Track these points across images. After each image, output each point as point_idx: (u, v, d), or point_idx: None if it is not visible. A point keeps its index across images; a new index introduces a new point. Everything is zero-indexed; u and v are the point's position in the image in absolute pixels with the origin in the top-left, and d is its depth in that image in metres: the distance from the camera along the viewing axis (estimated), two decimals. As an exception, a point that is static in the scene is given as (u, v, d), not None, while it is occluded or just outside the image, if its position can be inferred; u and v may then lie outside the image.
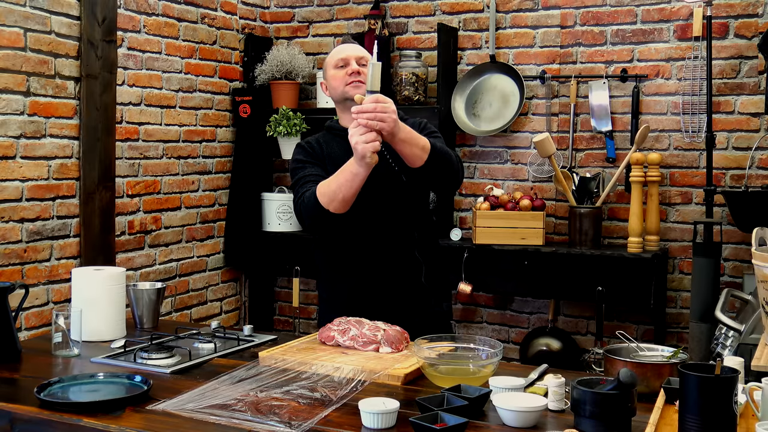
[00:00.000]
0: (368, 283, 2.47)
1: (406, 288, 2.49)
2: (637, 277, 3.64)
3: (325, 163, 2.46)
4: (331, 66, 2.48)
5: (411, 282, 2.49)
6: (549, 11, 4.09)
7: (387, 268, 2.46)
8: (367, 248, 2.46)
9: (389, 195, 2.43)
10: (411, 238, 2.48)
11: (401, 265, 2.48)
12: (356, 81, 2.42)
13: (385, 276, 2.46)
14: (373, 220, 2.43)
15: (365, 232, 2.44)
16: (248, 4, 4.55)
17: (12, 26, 3.17)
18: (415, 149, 2.24)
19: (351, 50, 2.48)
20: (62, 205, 3.43)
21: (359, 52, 2.49)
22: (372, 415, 1.65)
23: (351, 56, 2.46)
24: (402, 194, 2.44)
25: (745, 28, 3.74)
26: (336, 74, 2.46)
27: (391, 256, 2.46)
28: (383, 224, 2.45)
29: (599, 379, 1.71)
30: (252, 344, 2.35)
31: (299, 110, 4.34)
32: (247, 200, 4.43)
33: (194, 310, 4.25)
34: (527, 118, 4.17)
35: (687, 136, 3.84)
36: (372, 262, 2.46)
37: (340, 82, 2.45)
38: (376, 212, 2.42)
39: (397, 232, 2.47)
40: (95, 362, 2.16)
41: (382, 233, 2.45)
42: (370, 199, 2.36)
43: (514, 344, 4.22)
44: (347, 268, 2.51)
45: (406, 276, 2.49)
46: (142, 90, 3.84)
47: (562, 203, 4.08)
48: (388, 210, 2.45)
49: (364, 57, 2.47)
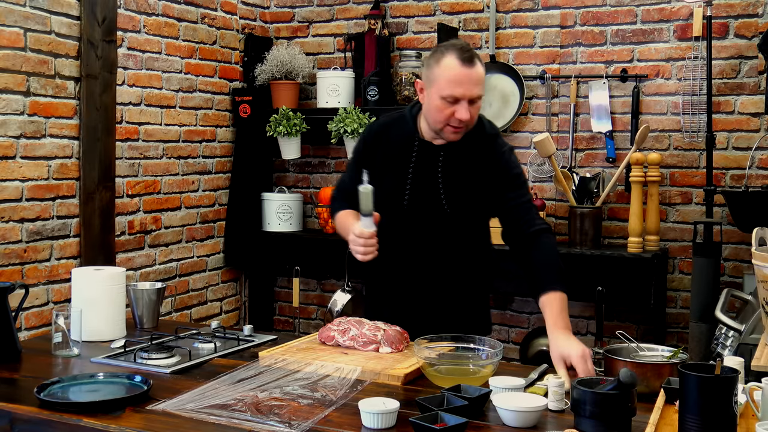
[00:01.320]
0: (413, 293, 2.40)
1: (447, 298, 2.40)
2: (637, 277, 3.64)
3: (376, 157, 2.38)
4: (439, 90, 2.17)
5: (453, 293, 2.40)
6: (549, 11, 4.09)
7: (430, 280, 2.38)
8: (412, 265, 2.38)
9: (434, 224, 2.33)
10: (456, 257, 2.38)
11: (444, 280, 2.39)
12: (458, 129, 2.21)
13: (428, 287, 2.39)
14: (417, 245, 2.36)
15: (410, 253, 2.37)
16: (248, 4, 4.55)
17: (12, 26, 3.17)
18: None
19: (469, 84, 2.15)
20: (62, 205, 3.43)
21: (475, 88, 2.16)
22: (372, 415, 1.65)
23: (466, 96, 2.16)
24: (446, 223, 2.33)
25: (745, 28, 3.74)
26: (442, 108, 2.18)
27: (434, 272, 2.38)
28: (427, 248, 2.37)
29: (599, 379, 1.71)
30: (252, 344, 2.35)
31: (299, 110, 4.34)
32: (247, 200, 4.43)
33: (194, 310, 4.25)
34: (527, 118, 4.17)
35: (687, 136, 3.84)
36: (416, 276, 2.39)
37: (440, 117, 2.20)
38: (420, 239, 2.35)
39: (442, 254, 2.37)
40: (95, 362, 2.16)
41: (426, 254, 2.37)
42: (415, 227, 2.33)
43: (514, 344, 4.22)
44: (391, 278, 2.43)
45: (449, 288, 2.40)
46: (142, 90, 3.84)
47: (562, 203, 4.08)
48: (432, 238, 2.35)
49: (479, 95, 2.18)
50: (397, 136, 2.39)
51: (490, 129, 2.37)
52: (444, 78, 2.16)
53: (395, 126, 2.41)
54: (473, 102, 2.18)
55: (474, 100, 2.18)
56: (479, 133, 2.33)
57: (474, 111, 2.20)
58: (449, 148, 2.31)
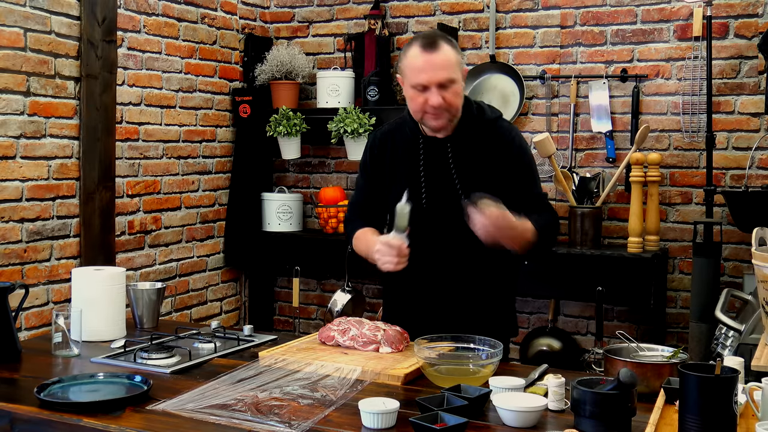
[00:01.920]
0: (430, 305, 2.36)
1: (470, 311, 2.35)
2: (637, 277, 3.64)
3: (384, 165, 2.36)
4: (408, 81, 2.20)
5: (476, 304, 2.36)
6: (549, 11, 4.09)
7: (448, 292, 2.34)
8: (429, 272, 2.34)
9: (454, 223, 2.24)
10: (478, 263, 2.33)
11: (466, 281, 2.34)
12: (435, 114, 2.19)
13: (446, 299, 2.35)
14: (435, 247, 2.32)
15: (428, 257, 2.32)
16: (248, 4, 4.55)
17: (12, 26, 3.17)
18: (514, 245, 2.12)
19: (431, 71, 2.14)
20: (62, 205, 3.43)
21: (441, 73, 2.14)
22: (372, 415, 1.65)
23: (432, 82, 2.14)
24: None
25: (745, 28, 3.74)
26: (413, 96, 2.19)
27: (452, 281, 2.34)
28: (445, 250, 2.32)
29: (599, 379, 1.71)
30: (252, 344, 2.35)
31: (299, 110, 4.34)
32: (247, 200, 4.43)
33: (194, 310, 4.25)
34: (527, 118, 4.17)
35: (687, 136, 3.84)
36: (433, 287, 2.35)
37: (417, 107, 2.20)
38: (438, 239, 2.31)
39: (463, 257, 2.32)
40: (95, 362, 2.16)
41: (444, 257, 2.33)
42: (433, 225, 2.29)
43: (514, 344, 4.21)
44: (410, 289, 2.40)
45: (471, 299, 2.35)
46: (142, 90, 3.84)
47: (562, 203, 4.08)
48: (451, 237, 2.30)
49: (448, 78, 2.15)
50: (401, 140, 2.37)
51: (491, 113, 2.34)
52: (409, 68, 2.19)
53: (397, 130, 2.39)
54: (444, 86, 2.16)
55: (443, 84, 2.16)
56: (481, 119, 2.31)
57: (449, 95, 2.17)
58: (455, 139, 2.29)
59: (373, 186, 2.42)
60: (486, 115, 2.33)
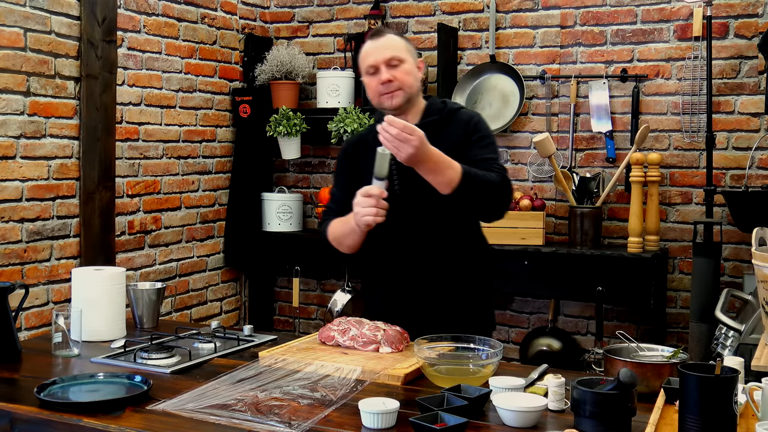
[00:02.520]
0: (408, 288, 2.39)
1: (445, 296, 2.39)
2: (637, 277, 3.64)
3: (360, 168, 2.39)
4: (362, 71, 2.35)
5: (451, 289, 2.40)
6: (549, 11, 4.09)
7: (426, 274, 2.38)
8: (407, 255, 2.38)
9: (429, 204, 2.31)
10: (452, 246, 2.39)
11: (441, 273, 2.38)
12: (389, 93, 2.30)
13: (424, 282, 2.38)
14: (412, 229, 2.36)
15: (405, 240, 2.37)
16: (248, 4, 4.55)
17: (12, 26, 3.17)
18: (440, 179, 2.15)
19: (378, 52, 2.30)
20: (62, 205, 3.43)
21: (386, 51, 2.30)
22: (372, 415, 1.65)
23: (379, 61, 2.29)
24: (442, 204, 2.28)
25: (745, 28, 3.74)
26: (369, 82, 2.33)
27: (430, 264, 2.37)
28: (423, 232, 2.37)
29: (599, 379, 1.71)
30: (252, 344, 2.35)
31: (299, 110, 4.34)
32: (247, 200, 4.43)
33: (194, 310, 4.25)
34: (527, 118, 4.17)
35: (687, 136, 3.84)
36: (411, 269, 2.39)
37: (374, 92, 2.33)
38: (416, 220, 2.35)
39: (438, 240, 2.37)
40: (95, 362, 2.16)
41: (421, 241, 2.37)
42: (409, 207, 2.32)
43: (514, 344, 4.22)
44: (386, 274, 2.44)
45: (446, 283, 2.39)
46: (142, 90, 3.84)
47: (562, 203, 4.08)
48: (428, 219, 2.35)
49: (393, 57, 2.29)
50: (373, 141, 2.41)
51: (452, 105, 2.45)
52: (361, 60, 2.36)
53: (369, 134, 2.46)
54: (393, 66, 2.29)
55: (390, 62, 2.29)
56: (443, 110, 2.39)
57: (399, 73, 2.29)
58: (421, 127, 2.27)
59: (348, 192, 2.43)
60: (447, 106, 2.43)
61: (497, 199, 2.28)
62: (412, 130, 2.08)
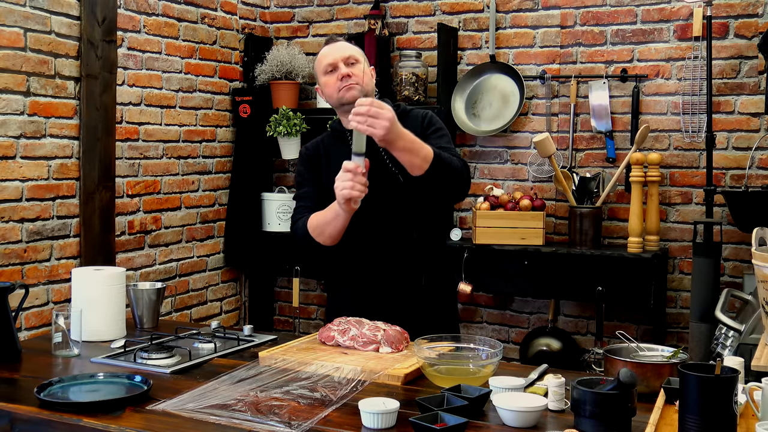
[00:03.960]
0: (369, 285, 2.45)
1: (406, 291, 2.45)
2: (637, 277, 3.64)
3: (322, 172, 2.46)
4: (320, 73, 2.45)
5: (411, 285, 2.46)
6: (549, 11, 4.09)
7: (386, 270, 2.44)
8: (367, 250, 2.44)
9: (388, 196, 2.40)
10: (411, 240, 2.46)
11: (400, 268, 2.45)
12: (348, 85, 2.38)
13: (385, 278, 2.44)
14: (371, 222, 2.41)
15: (364, 234, 2.42)
16: (248, 4, 4.55)
17: (12, 26, 3.17)
18: (415, 159, 2.19)
19: (336, 52, 2.42)
20: (62, 205, 3.43)
21: (344, 51, 2.43)
22: (372, 415, 1.65)
23: (338, 59, 2.40)
24: (401, 195, 2.41)
25: (745, 28, 3.74)
26: (327, 81, 2.42)
27: (390, 258, 2.44)
28: (381, 225, 2.43)
29: (599, 379, 1.71)
30: (252, 344, 2.35)
31: (299, 110, 4.34)
32: (247, 200, 4.43)
33: (194, 310, 4.25)
34: (527, 118, 4.17)
35: (687, 136, 3.84)
36: (372, 264, 2.44)
37: (333, 89, 2.41)
38: (374, 214, 2.40)
39: (397, 234, 2.44)
40: (95, 362, 2.16)
41: (380, 235, 2.43)
42: (368, 200, 2.34)
43: (514, 344, 4.22)
44: (348, 270, 2.49)
45: (406, 279, 2.46)
46: (142, 90, 3.84)
47: (562, 203, 4.08)
48: (386, 211, 2.42)
49: (351, 56, 2.41)
50: (331, 144, 2.52)
51: (404, 107, 2.51)
52: (318, 64, 2.46)
53: (326, 138, 2.55)
54: (350, 64, 2.40)
55: (348, 60, 2.39)
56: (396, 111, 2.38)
57: (356, 71, 2.38)
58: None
59: (316, 190, 2.47)
60: (401, 107, 2.49)
61: (461, 182, 2.35)
62: (381, 105, 2.13)
